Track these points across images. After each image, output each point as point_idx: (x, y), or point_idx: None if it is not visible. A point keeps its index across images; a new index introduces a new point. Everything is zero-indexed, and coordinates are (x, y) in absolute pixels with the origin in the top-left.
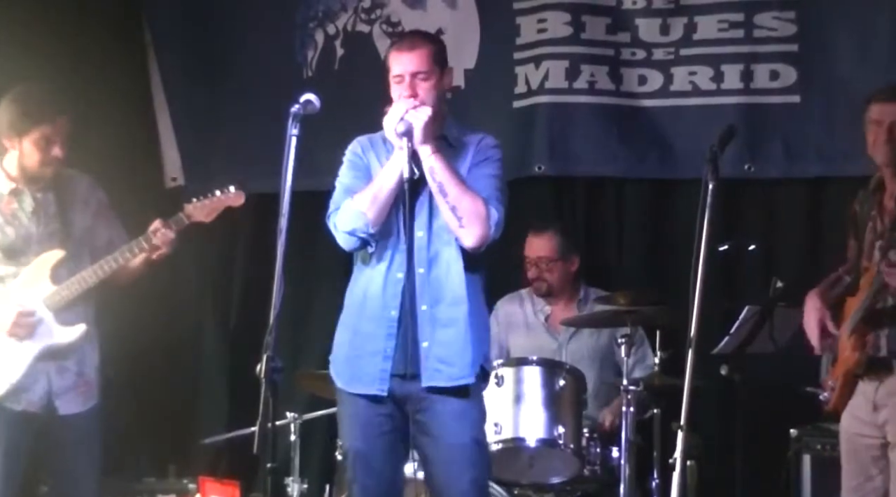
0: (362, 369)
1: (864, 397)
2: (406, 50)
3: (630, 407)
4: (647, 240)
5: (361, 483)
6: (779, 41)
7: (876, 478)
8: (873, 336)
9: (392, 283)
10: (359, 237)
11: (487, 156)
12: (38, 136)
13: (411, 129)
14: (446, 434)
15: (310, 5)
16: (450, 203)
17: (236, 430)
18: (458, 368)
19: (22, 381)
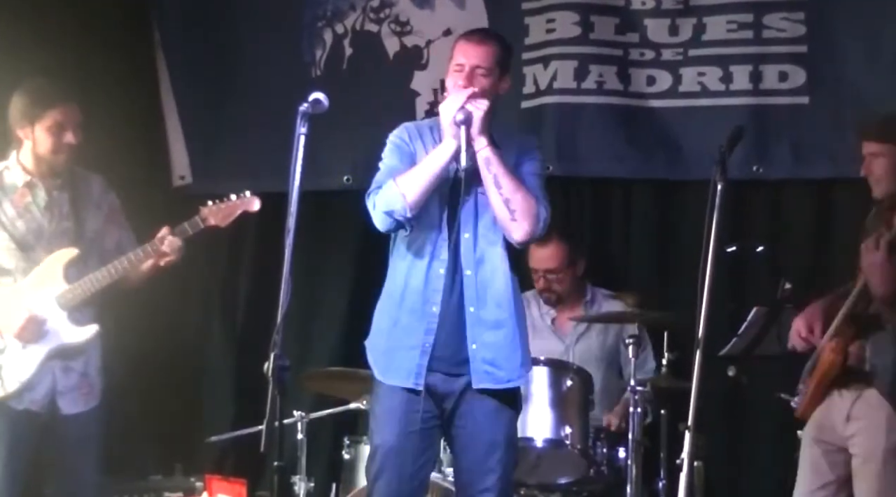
0: (399, 362)
1: (836, 407)
2: (475, 42)
3: (637, 408)
4: (654, 240)
5: (388, 478)
6: (788, 42)
7: (832, 485)
8: (857, 346)
9: (434, 279)
10: (395, 219)
11: (533, 156)
12: (50, 122)
13: (471, 118)
14: (481, 431)
15: (318, 4)
16: (503, 195)
17: (243, 428)
18: (507, 371)
19: (31, 379)
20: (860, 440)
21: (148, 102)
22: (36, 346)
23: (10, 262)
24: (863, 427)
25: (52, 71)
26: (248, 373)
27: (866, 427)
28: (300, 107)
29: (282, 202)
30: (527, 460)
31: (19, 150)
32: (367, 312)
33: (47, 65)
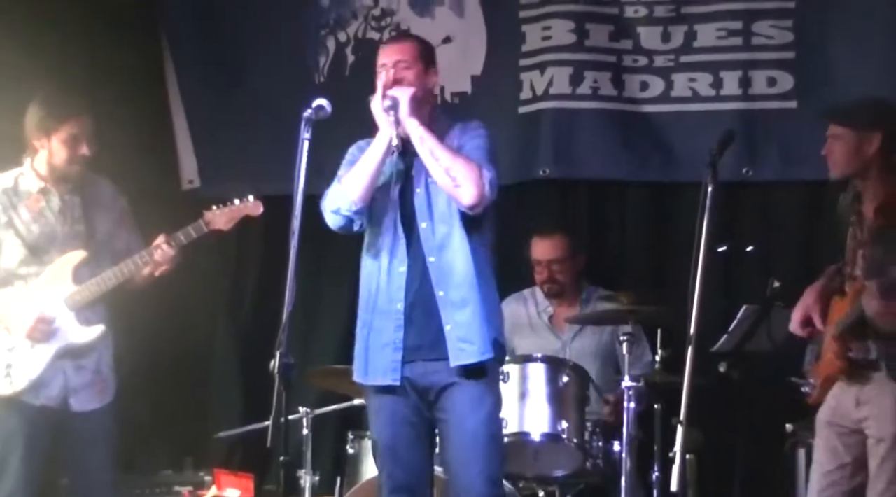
0: (375, 362)
1: (846, 393)
2: (393, 42)
3: (631, 402)
4: (648, 241)
5: (389, 472)
6: (776, 49)
7: (847, 466)
8: (860, 342)
9: (396, 277)
10: (343, 215)
11: (476, 134)
12: (65, 134)
13: (397, 102)
14: (462, 423)
15: (322, 13)
16: (443, 165)
17: (250, 424)
18: (479, 346)
19: (41, 377)
20: (872, 422)
21: (157, 109)
22: (45, 345)
23: (24, 267)
24: (874, 410)
25: (65, 81)
26: (254, 371)
27: (877, 409)
28: (304, 113)
29: (286, 205)
30: (525, 454)
31: (34, 158)
32: None
33: (60, 74)
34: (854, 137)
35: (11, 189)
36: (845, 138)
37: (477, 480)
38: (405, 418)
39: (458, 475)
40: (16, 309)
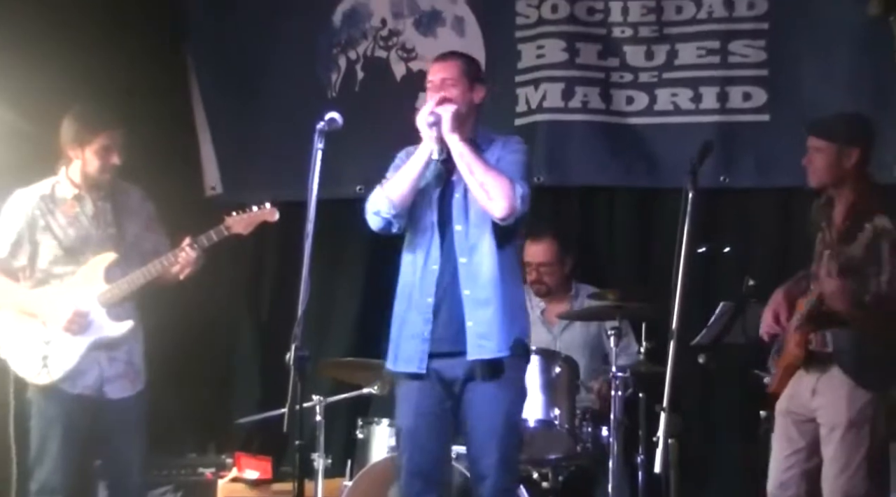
0: (405, 351)
1: (803, 384)
2: (441, 60)
3: (618, 391)
4: (634, 242)
5: (409, 456)
6: (750, 66)
7: (802, 451)
8: (819, 334)
9: (428, 274)
10: (383, 217)
11: (514, 148)
12: (98, 146)
13: (440, 119)
14: (482, 417)
15: (334, 33)
16: (478, 179)
17: (268, 411)
18: (496, 343)
19: (77, 367)
20: (825, 412)
21: (182, 121)
22: (80, 338)
23: (59, 268)
24: (827, 400)
25: (98, 95)
26: (272, 362)
27: (831, 400)
28: (318, 125)
29: (301, 210)
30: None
31: (68, 167)
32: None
33: (93, 89)
34: (834, 151)
35: (48, 196)
36: (826, 151)
37: (492, 469)
38: (428, 409)
39: (475, 462)
40: (52, 305)
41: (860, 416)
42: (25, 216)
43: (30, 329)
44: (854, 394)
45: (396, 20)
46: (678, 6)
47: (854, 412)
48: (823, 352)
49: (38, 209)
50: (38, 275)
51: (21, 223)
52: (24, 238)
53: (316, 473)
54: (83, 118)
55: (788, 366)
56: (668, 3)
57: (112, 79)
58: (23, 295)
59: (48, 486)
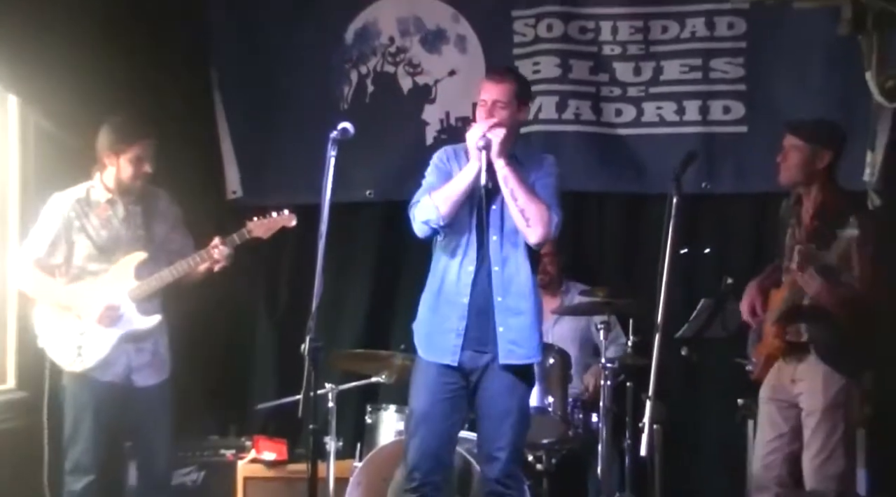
0: (439, 343)
1: (783, 372)
2: (495, 81)
3: (608, 381)
4: (622, 243)
5: (421, 436)
6: (730, 82)
7: (786, 435)
8: (795, 326)
9: (464, 275)
10: (431, 227)
11: (549, 172)
12: (131, 155)
13: (490, 144)
14: (498, 401)
15: (346, 50)
16: (519, 206)
17: (284, 398)
18: (527, 349)
19: (107, 357)
20: (805, 397)
21: (206, 131)
22: (111, 330)
23: (93, 265)
24: (806, 387)
25: (130, 106)
26: (288, 353)
27: (809, 386)
28: (331, 134)
29: (315, 212)
30: None
31: (103, 173)
32: (387, 303)
33: (126, 101)
34: (809, 151)
35: (83, 199)
36: (801, 150)
37: (501, 452)
38: (445, 394)
39: (484, 444)
40: (86, 299)
41: (836, 400)
42: (62, 218)
43: (65, 321)
44: (830, 379)
45: (404, 38)
46: (664, 26)
47: (830, 397)
48: (799, 342)
49: (74, 211)
50: (73, 272)
51: (58, 224)
52: (60, 238)
53: (328, 455)
54: (119, 129)
55: (769, 356)
56: (654, 22)
57: (142, 91)
58: (59, 290)
59: (81, 465)
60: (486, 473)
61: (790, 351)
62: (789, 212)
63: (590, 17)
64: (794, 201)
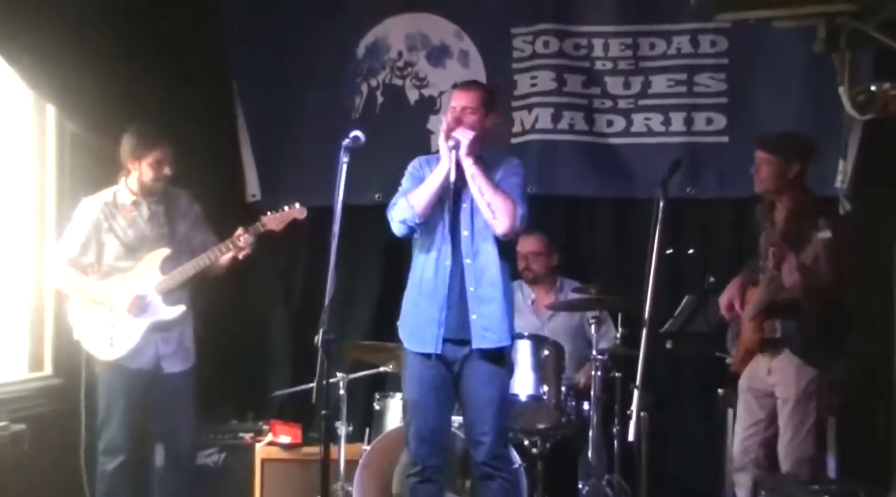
0: (422, 334)
1: (760, 365)
2: (463, 90)
3: (598, 372)
4: (612, 244)
5: (416, 425)
6: (713, 95)
7: (762, 421)
8: (770, 323)
9: (442, 269)
10: (408, 226)
11: (515, 171)
12: (152, 159)
13: (459, 144)
14: (480, 389)
15: (358, 64)
16: (486, 200)
17: (299, 385)
18: (499, 335)
19: (137, 346)
20: (780, 387)
21: (228, 139)
22: (140, 320)
23: (122, 262)
24: (780, 378)
25: (155, 114)
26: (302, 344)
27: (783, 378)
28: (343, 141)
29: (329, 214)
30: (514, 411)
31: (127, 177)
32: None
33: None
34: (779, 163)
35: (111, 202)
36: (772, 163)
37: (486, 437)
38: (431, 384)
39: (471, 430)
40: (117, 293)
41: (808, 389)
42: (92, 220)
43: (99, 314)
44: (802, 371)
45: (411, 53)
46: (651, 43)
47: (803, 386)
48: (774, 338)
49: (102, 214)
50: (103, 269)
51: (88, 226)
52: (91, 239)
53: (339, 439)
54: (139, 136)
55: (747, 350)
56: (642, 40)
57: (169, 103)
58: (92, 286)
59: (113, 445)
60: (475, 457)
61: (766, 346)
62: (763, 215)
63: (583, 35)
64: (768, 205)
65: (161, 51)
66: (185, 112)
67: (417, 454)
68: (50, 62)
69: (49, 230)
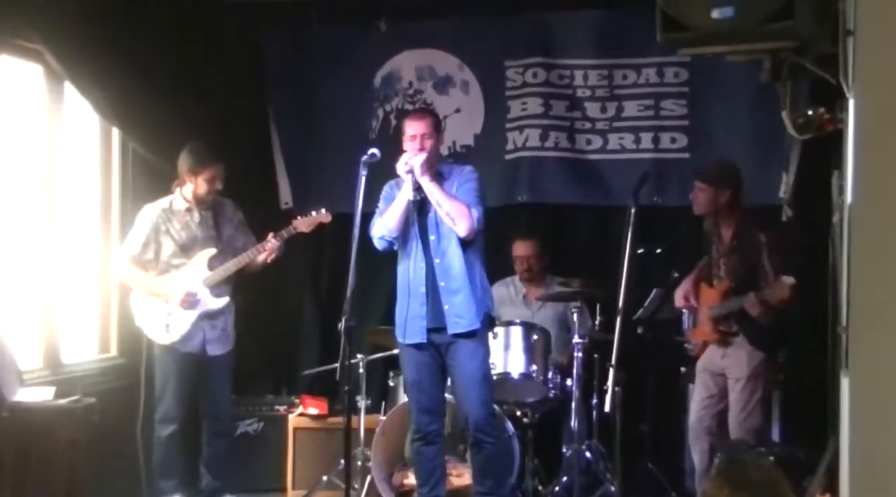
0: (410, 328)
1: (715, 350)
2: (417, 119)
3: (579, 353)
4: (591, 244)
5: (416, 399)
6: (676, 118)
7: (714, 396)
8: (727, 324)
9: (418, 270)
10: (386, 240)
11: (469, 178)
12: (207, 175)
13: (412, 168)
14: (463, 368)
15: (374, 92)
16: (445, 210)
17: (326, 365)
18: (468, 320)
19: (188, 332)
20: (731, 369)
21: (264, 153)
22: (190, 311)
23: (176, 260)
24: (733, 361)
25: (205, 137)
26: (328, 329)
27: (735, 360)
28: (362, 158)
29: (349, 219)
30: (507, 387)
31: (182, 187)
32: None
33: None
34: (713, 191)
35: (168, 209)
36: (707, 191)
37: (475, 405)
38: (425, 364)
39: (461, 402)
40: (172, 287)
41: (756, 370)
42: (151, 223)
43: (156, 305)
44: (752, 355)
45: (420, 82)
46: (624, 74)
47: (752, 368)
48: (730, 332)
49: (160, 218)
50: (160, 266)
51: (148, 229)
52: (150, 239)
53: (359, 411)
54: (196, 155)
55: (706, 341)
56: (616, 71)
57: (215, 125)
58: (151, 281)
59: (168, 415)
60: (468, 428)
61: (723, 339)
62: (711, 230)
63: (566, 67)
64: (714, 223)
65: (208, 83)
66: (228, 134)
67: (419, 422)
68: (115, 93)
69: (114, 233)
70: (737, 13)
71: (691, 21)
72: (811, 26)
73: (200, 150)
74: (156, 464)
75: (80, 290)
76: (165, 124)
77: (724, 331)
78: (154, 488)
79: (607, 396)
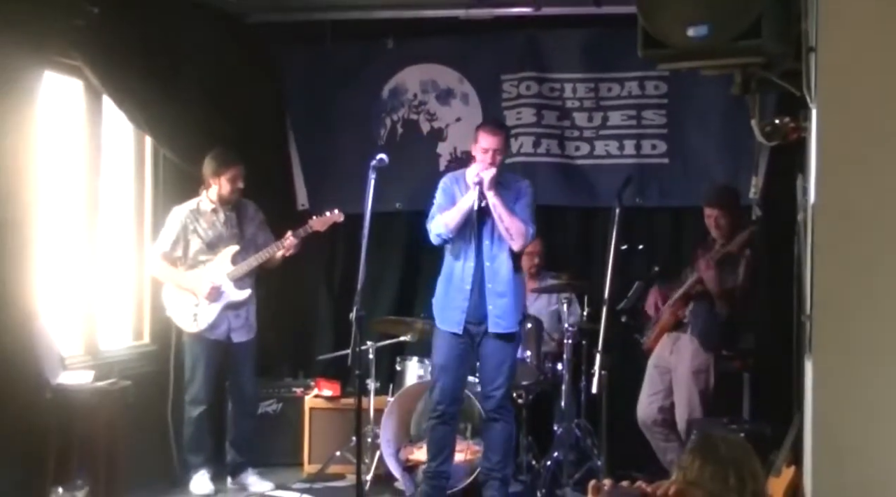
0: (449, 317)
1: (665, 345)
2: (493, 133)
3: (569, 340)
4: (579, 242)
5: (444, 382)
6: (656, 127)
7: (661, 391)
8: (683, 310)
9: (467, 270)
10: (442, 238)
11: (525, 193)
12: (229, 176)
13: (482, 181)
14: (495, 359)
15: (382, 103)
16: (505, 225)
17: (338, 351)
18: (508, 322)
19: (214, 321)
20: (678, 365)
21: (283, 160)
22: (216, 302)
23: (203, 256)
24: (679, 357)
25: (226, 139)
26: (341, 319)
27: (681, 357)
28: (371, 163)
29: (360, 219)
30: None
31: (208, 190)
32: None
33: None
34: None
35: (195, 209)
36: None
37: (495, 392)
38: (457, 351)
39: (484, 386)
40: (199, 281)
41: (700, 367)
42: (180, 223)
43: (185, 297)
44: (697, 353)
45: (424, 94)
46: (609, 87)
47: (696, 365)
48: (682, 320)
49: (188, 218)
50: (189, 261)
51: (178, 228)
52: (179, 238)
53: (369, 393)
54: (219, 158)
55: (662, 327)
56: (602, 84)
57: (236, 133)
58: (180, 276)
59: (197, 397)
60: (485, 406)
61: (675, 327)
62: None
63: (557, 81)
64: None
65: (232, 95)
66: (250, 142)
67: (440, 402)
68: (147, 105)
69: (147, 232)
70: (710, 32)
71: (669, 39)
72: (777, 44)
73: (222, 154)
74: (186, 441)
75: (117, 284)
76: (193, 133)
77: (680, 317)
78: (184, 463)
79: (594, 379)
